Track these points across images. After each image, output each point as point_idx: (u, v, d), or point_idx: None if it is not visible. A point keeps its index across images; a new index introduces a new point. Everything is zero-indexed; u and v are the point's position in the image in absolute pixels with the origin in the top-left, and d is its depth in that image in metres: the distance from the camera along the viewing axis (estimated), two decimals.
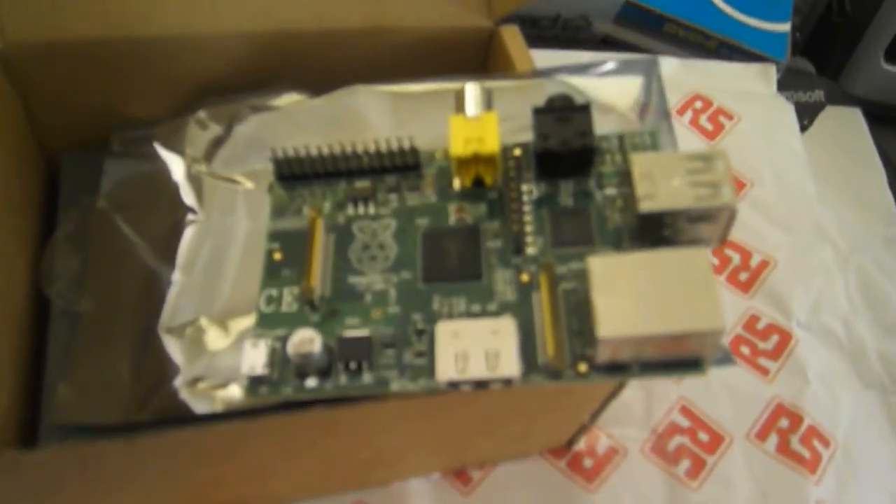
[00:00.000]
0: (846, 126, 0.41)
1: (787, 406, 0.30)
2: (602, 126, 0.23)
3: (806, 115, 0.43)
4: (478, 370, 0.19)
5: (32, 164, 0.27)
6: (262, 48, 0.28)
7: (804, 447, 0.28)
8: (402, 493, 0.26)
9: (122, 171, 0.27)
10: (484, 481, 0.27)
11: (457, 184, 0.23)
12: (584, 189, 0.22)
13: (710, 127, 0.38)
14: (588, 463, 0.28)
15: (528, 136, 0.23)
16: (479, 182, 0.23)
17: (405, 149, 0.23)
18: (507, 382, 0.19)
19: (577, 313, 0.20)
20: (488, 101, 0.23)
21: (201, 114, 0.26)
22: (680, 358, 0.19)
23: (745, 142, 0.37)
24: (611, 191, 0.22)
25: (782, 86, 0.43)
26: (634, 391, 0.29)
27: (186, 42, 0.27)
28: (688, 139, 0.37)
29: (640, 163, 0.20)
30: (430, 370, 0.20)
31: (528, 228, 0.22)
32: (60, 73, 0.26)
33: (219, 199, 0.24)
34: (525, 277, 0.21)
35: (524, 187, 0.23)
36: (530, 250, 0.21)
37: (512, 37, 0.30)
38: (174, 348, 0.23)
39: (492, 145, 0.21)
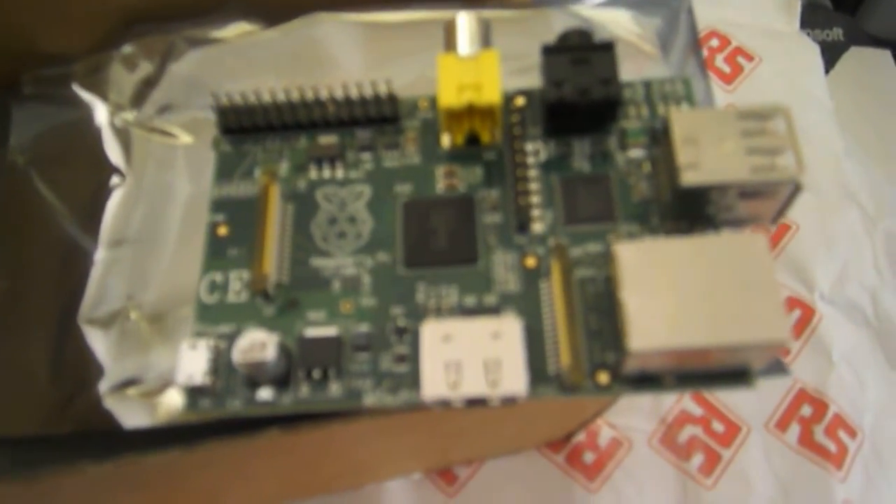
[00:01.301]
0: (872, 71, 0.37)
1: (811, 392, 0.27)
2: (622, 69, 0.19)
3: (826, 56, 0.39)
4: (474, 386, 0.15)
5: None
6: None
7: (829, 439, 0.25)
8: (375, 498, 0.23)
9: (35, 119, 0.22)
10: (471, 480, 0.24)
11: (446, 141, 0.19)
12: (604, 150, 0.18)
13: (727, 69, 0.33)
14: (589, 457, 0.24)
15: (533, 81, 0.18)
16: (473, 139, 0.18)
17: (381, 95, 0.19)
18: (511, 400, 0.15)
19: (597, 309, 0.16)
20: (486, 37, 0.18)
21: (128, 48, 0.21)
22: (725, 370, 0.15)
23: (766, 87, 0.33)
24: (636, 152, 0.18)
25: (800, 23, 0.38)
26: None
27: None
28: (700, 85, 0.33)
29: (681, 122, 0.16)
30: (413, 380, 0.16)
31: (535, 200, 0.18)
32: None
33: (151, 157, 0.20)
34: (531, 262, 0.17)
35: (529, 147, 0.18)
36: (537, 227, 0.17)
37: None
38: (98, 343, 0.18)
39: (491, 93, 0.17)
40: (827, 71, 0.37)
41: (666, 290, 0.14)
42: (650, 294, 0.14)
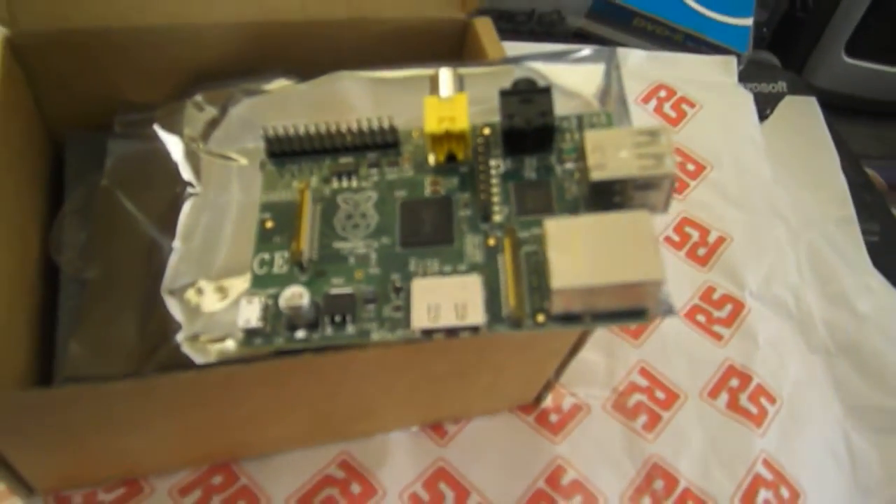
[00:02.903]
0: (804, 114, 0.43)
1: (738, 368, 0.32)
2: (566, 109, 0.26)
3: (768, 105, 0.45)
4: (448, 319, 0.21)
5: (40, 145, 0.29)
6: (251, 37, 0.30)
7: (752, 404, 0.31)
8: (383, 445, 0.28)
9: (124, 151, 0.29)
10: (459, 434, 0.29)
11: (432, 159, 0.25)
12: (546, 164, 0.25)
13: (673, 114, 0.40)
14: (554, 418, 0.30)
15: (496, 118, 0.25)
16: (451, 157, 0.25)
17: (385, 128, 0.25)
18: (474, 330, 0.21)
19: (536, 272, 0.22)
20: (460, 85, 0.25)
21: (198, 97, 0.28)
22: (627, 309, 0.21)
23: (706, 128, 0.40)
24: (569, 165, 0.25)
25: (746, 77, 0.45)
26: (597, 355, 0.32)
27: (182, 31, 0.29)
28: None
29: (593, 138, 0.22)
30: (406, 322, 0.22)
31: (496, 199, 0.24)
32: (66, 59, 0.28)
33: (215, 175, 0.27)
34: (492, 241, 0.23)
35: (492, 162, 0.25)
36: (497, 218, 0.24)
37: (484, 28, 0.32)
38: (175, 308, 0.25)
39: (462, 123, 0.24)
40: (767, 116, 0.44)
41: (579, 249, 0.21)
42: (567, 252, 0.21)
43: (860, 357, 0.34)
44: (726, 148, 0.39)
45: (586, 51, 0.29)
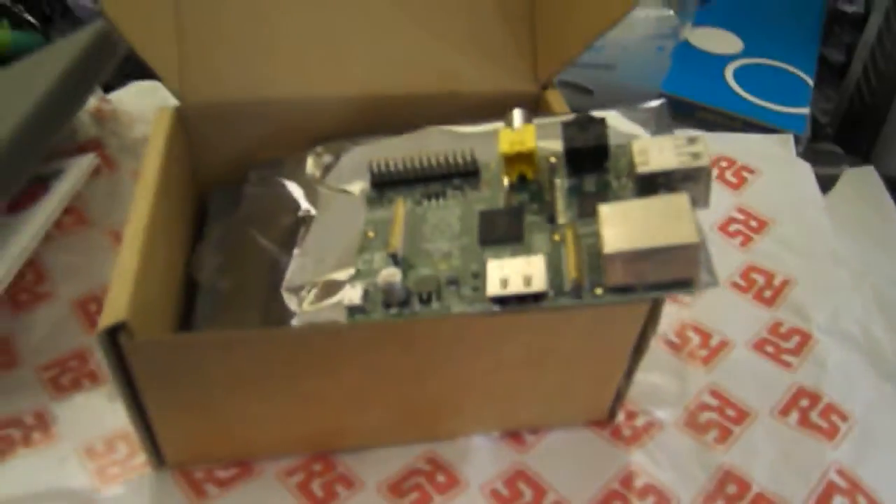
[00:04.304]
0: (866, 184, 0.46)
1: (808, 389, 0.33)
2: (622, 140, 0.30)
3: (831, 184, 0.48)
4: (516, 287, 0.25)
5: (192, 192, 0.37)
6: (359, 108, 0.37)
7: (823, 420, 0.31)
8: (466, 446, 0.31)
9: (255, 195, 0.36)
10: (538, 444, 0.31)
11: (506, 181, 0.30)
12: (604, 180, 0.29)
13: (734, 180, 0.44)
14: (627, 432, 0.32)
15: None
16: (522, 178, 0.30)
17: (467, 159, 0.31)
18: (539, 297, 0.25)
19: (594, 257, 0.26)
20: (529, 119, 0.30)
21: (318, 148, 0.35)
22: (674, 279, 0.25)
23: (767, 190, 0.43)
24: (624, 180, 0.29)
25: (809, 161, 0.48)
26: (668, 379, 0.34)
27: (304, 103, 0.36)
28: (714, 189, 0.43)
29: (639, 143, 0.27)
30: (482, 299, 0.26)
31: (560, 205, 0.28)
32: (216, 126, 0.36)
33: (329, 203, 0.33)
34: (557, 237, 0.27)
35: (557, 181, 0.30)
36: (561, 220, 0.28)
37: (555, 98, 0.38)
38: (292, 302, 0.30)
39: (530, 144, 0.29)
40: (828, 190, 0.47)
41: (627, 224, 0.24)
42: (616, 227, 0.24)
43: None
44: (788, 207, 0.42)
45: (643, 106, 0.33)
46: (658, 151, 0.26)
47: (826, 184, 0.47)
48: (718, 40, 0.59)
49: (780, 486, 0.29)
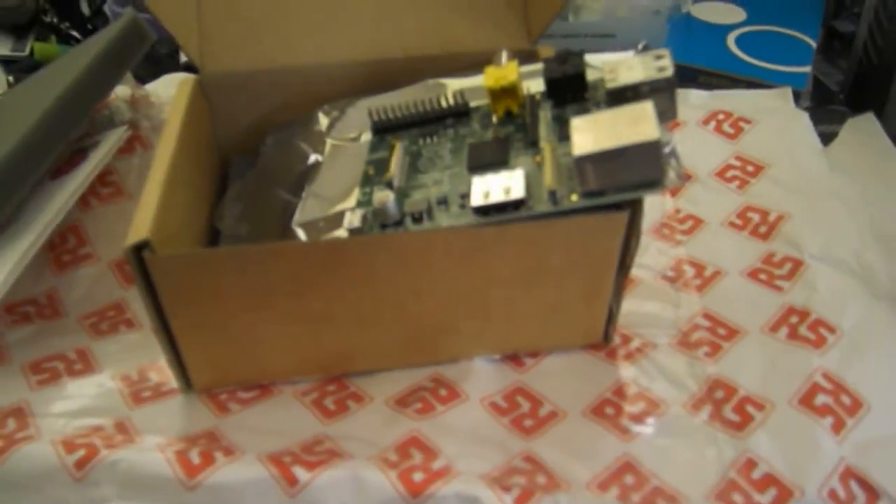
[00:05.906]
0: (867, 132, 0.47)
1: (798, 308, 0.34)
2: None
3: (833, 138, 0.49)
4: (497, 197, 0.27)
5: (213, 155, 0.40)
6: (365, 72, 0.40)
7: (811, 332, 0.32)
8: (469, 369, 0.33)
9: (271, 152, 0.39)
10: (536, 366, 0.33)
11: (494, 118, 0.33)
12: (584, 108, 0.31)
13: (731, 131, 0.45)
14: (622, 352, 0.33)
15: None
16: (509, 115, 0.32)
17: (459, 101, 0.33)
18: (518, 204, 0.27)
19: (571, 172, 0.28)
20: (511, 59, 0.33)
21: (326, 107, 0.38)
22: (643, 180, 0.27)
23: (764, 138, 0.44)
24: (603, 107, 0.31)
25: (814, 121, 0.48)
26: (663, 306, 0.35)
27: (313, 69, 0.40)
28: (711, 141, 0.45)
29: (609, 63, 0.29)
30: (468, 214, 0.28)
31: (542, 133, 0.31)
32: (234, 93, 0.39)
33: (335, 151, 0.35)
34: (538, 159, 0.30)
35: (541, 113, 0.32)
36: (542, 144, 0.30)
37: (546, 52, 0.40)
38: (303, 236, 0.32)
39: (513, 77, 0.31)
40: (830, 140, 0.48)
41: (595, 130, 0.26)
42: (585, 133, 0.26)
43: None
44: (784, 151, 0.43)
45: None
46: (627, 69, 0.29)
47: (828, 138, 0.48)
48: (721, 12, 0.61)
49: (766, 389, 0.31)
